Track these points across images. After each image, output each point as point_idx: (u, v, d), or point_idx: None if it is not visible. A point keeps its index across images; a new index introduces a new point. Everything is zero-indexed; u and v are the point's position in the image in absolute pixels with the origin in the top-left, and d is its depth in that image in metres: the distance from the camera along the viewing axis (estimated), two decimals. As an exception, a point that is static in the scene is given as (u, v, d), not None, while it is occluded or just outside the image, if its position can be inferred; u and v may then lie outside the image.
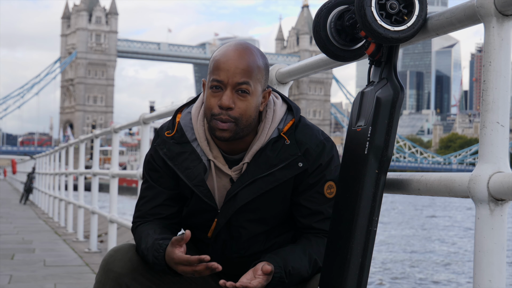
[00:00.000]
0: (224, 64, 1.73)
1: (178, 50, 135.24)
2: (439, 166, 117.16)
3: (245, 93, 1.73)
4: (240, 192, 1.79)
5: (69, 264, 5.88)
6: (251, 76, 1.73)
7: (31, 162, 19.37)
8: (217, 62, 1.74)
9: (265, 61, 1.80)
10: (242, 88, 1.72)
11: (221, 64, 1.73)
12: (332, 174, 1.81)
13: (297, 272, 1.74)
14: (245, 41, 1.80)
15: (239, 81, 1.72)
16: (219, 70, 1.73)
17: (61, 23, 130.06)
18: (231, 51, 1.75)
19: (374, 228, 1.56)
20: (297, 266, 1.74)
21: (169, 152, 1.84)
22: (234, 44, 1.77)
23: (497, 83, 1.31)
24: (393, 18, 1.53)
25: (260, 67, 1.76)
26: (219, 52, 1.77)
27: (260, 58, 1.77)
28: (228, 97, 1.72)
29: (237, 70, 1.72)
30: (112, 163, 6.17)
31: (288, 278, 1.73)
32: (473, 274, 1.32)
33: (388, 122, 1.55)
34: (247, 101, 1.74)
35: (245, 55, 1.74)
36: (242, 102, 1.73)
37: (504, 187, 1.25)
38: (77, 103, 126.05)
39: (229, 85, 1.72)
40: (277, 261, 1.72)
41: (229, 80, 1.72)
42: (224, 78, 1.72)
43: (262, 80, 1.77)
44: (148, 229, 1.84)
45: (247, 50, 1.75)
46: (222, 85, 1.73)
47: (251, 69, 1.73)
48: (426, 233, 22.68)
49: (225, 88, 1.73)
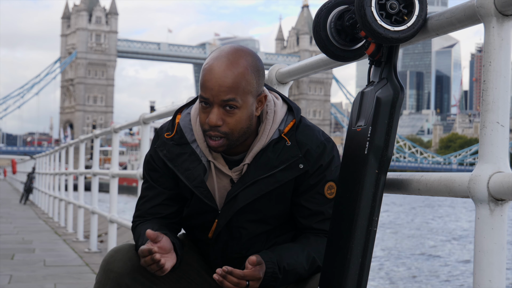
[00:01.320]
0: (209, 82, 1.69)
1: (178, 50, 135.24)
2: (439, 166, 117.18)
3: (233, 108, 1.70)
4: (240, 193, 1.78)
5: (69, 264, 5.88)
6: (237, 92, 1.69)
7: (31, 162, 19.37)
8: (202, 78, 1.71)
9: (257, 65, 1.74)
10: (229, 104, 1.70)
11: (205, 82, 1.70)
12: (333, 174, 1.80)
13: (293, 269, 1.74)
14: (235, 48, 1.74)
15: (224, 99, 1.69)
16: (205, 88, 1.70)
17: (61, 23, 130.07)
18: (216, 66, 1.70)
19: (374, 228, 1.56)
20: (293, 262, 1.74)
21: (169, 154, 1.84)
22: (221, 55, 1.72)
23: (497, 83, 1.31)
24: (393, 18, 1.53)
25: (249, 78, 1.71)
26: (206, 64, 1.72)
27: (250, 67, 1.71)
28: (215, 115, 1.70)
29: (221, 88, 1.68)
30: (112, 163, 6.17)
31: (283, 273, 1.73)
32: (473, 274, 1.32)
33: (388, 122, 1.55)
34: (236, 116, 1.71)
35: (230, 70, 1.69)
36: (230, 117, 1.71)
37: (504, 187, 1.25)
38: (77, 103, 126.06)
39: (215, 103, 1.70)
40: (270, 257, 1.73)
41: (214, 99, 1.69)
42: (209, 96, 1.70)
43: (253, 89, 1.72)
44: (146, 228, 1.84)
45: (234, 64, 1.70)
46: (209, 102, 1.71)
47: (237, 85, 1.69)
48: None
49: (212, 106, 1.71)
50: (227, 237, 1.85)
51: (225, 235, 1.85)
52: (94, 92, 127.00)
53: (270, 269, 1.71)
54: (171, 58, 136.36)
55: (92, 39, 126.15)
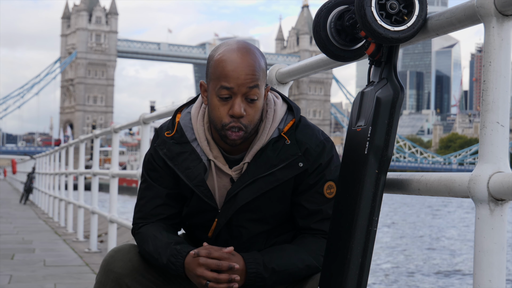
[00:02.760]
0: (233, 72, 1.69)
1: (178, 50, 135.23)
2: (439, 166, 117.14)
3: (254, 99, 1.72)
4: (240, 192, 1.79)
5: (69, 264, 5.88)
6: (258, 81, 1.72)
7: (31, 162, 19.37)
8: (224, 69, 1.70)
9: (265, 60, 1.79)
10: (252, 94, 1.71)
11: (229, 72, 1.70)
12: (332, 174, 1.81)
13: (284, 269, 1.74)
14: (244, 41, 1.78)
15: (250, 85, 1.70)
16: (228, 77, 1.70)
17: (61, 23, 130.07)
18: (236, 56, 1.71)
19: (374, 228, 1.56)
20: (285, 263, 1.74)
21: (169, 152, 1.84)
22: (237, 47, 1.74)
23: (497, 83, 1.31)
24: (393, 18, 1.53)
25: (263, 69, 1.75)
26: (223, 56, 1.72)
27: (261, 59, 1.76)
28: (239, 105, 1.70)
29: (247, 77, 1.70)
30: (112, 163, 6.17)
31: (270, 274, 1.73)
32: (473, 274, 1.32)
33: (388, 122, 1.55)
34: (256, 106, 1.73)
35: (250, 59, 1.71)
36: (251, 108, 1.72)
37: (504, 187, 1.25)
38: (77, 103, 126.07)
39: (239, 93, 1.70)
40: (255, 257, 1.74)
41: (239, 88, 1.70)
42: (234, 85, 1.70)
43: (264, 81, 1.77)
44: (153, 231, 1.83)
45: (251, 53, 1.73)
46: (232, 93, 1.71)
47: (258, 74, 1.72)
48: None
49: (235, 96, 1.71)
50: (227, 236, 1.85)
51: (225, 235, 1.85)
52: (94, 92, 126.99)
53: (253, 269, 1.72)
54: (171, 58, 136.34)
55: (92, 39, 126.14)
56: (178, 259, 1.74)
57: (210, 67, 1.75)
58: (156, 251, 1.79)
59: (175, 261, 1.74)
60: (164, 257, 1.76)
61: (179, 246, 1.77)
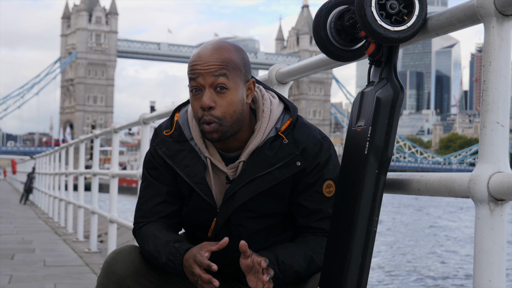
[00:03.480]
0: (197, 65, 1.73)
1: (178, 50, 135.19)
2: (439, 166, 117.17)
3: (224, 88, 1.72)
4: (238, 191, 1.79)
5: (69, 264, 5.88)
6: (227, 70, 1.72)
7: (31, 162, 19.37)
8: (191, 64, 1.75)
9: (242, 54, 1.78)
10: (220, 83, 1.72)
11: (194, 65, 1.73)
12: (331, 173, 1.81)
13: (289, 268, 1.74)
14: (218, 40, 1.80)
15: (215, 74, 1.71)
16: (194, 71, 1.73)
17: (61, 23, 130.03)
18: (202, 50, 1.75)
19: (374, 228, 1.56)
20: (289, 262, 1.74)
21: (168, 151, 1.85)
22: (209, 44, 1.77)
23: (497, 83, 1.31)
24: (393, 18, 1.53)
25: (235, 60, 1.75)
26: (193, 54, 1.77)
27: (235, 52, 1.76)
28: (208, 96, 1.72)
29: (210, 68, 1.72)
30: (112, 163, 6.17)
31: (282, 273, 1.73)
32: (473, 274, 1.32)
33: (388, 122, 1.55)
34: (227, 97, 1.73)
35: (216, 50, 1.74)
36: (222, 99, 1.73)
37: (504, 187, 1.25)
38: (77, 103, 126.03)
39: (206, 85, 1.72)
40: (269, 257, 1.73)
41: (205, 79, 1.72)
42: (198, 75, 1.72)
43: (241, 74, 1.76)
44: (153, 230, 1.84)
45: (220, 46, 1.75)
46: (200, 86, 1.73)
47: (225, 64, 1.73)
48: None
49: (204, 89, 1.73)
50: (226, 235, 1.85)
51: (224, 234, 1.85)
52: (94, 92, 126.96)
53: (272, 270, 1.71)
54: (171, 58, 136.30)
55: (92, 39, 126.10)
56: (177, 256, 1.75)
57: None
58: (156, 250, 1.79)
59: (173, 259, 1.75)
60: (164, 255, 1.77)
61: (177, 244, 1.77)
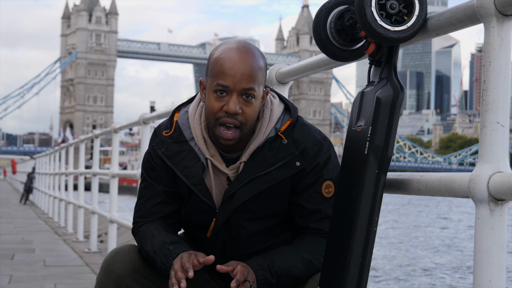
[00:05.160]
0: (231, 70, 1.71)
1: (178, 50, 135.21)
2: (439, 166, 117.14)
3: (251, 97, 1.72)
4: (237, 191, 1.79)
5: (69, 264, 5.88)
6: (256, 81, 1.72)
7: (31, 162, 19.37)
8: (221, 66, 1.72)
9: (265, 60, 1.79)
10: (248, 93, 1.72)
11: (227, 69, 1.71)
12: (330, 173, 1.81)
13: (286, 272, 1.74)
14: (245, 41, 1.79)
15: (245, 87, 1.71)
16: (225, 75, 1.71)
17: (61, 23, 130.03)
18: (235, 55, 1.72)
19: (374, 228, 1.56)
20: (286, 266, 1.74)
21: (167, 151, 1.84)
22: (236, 46, 1.75)
23: (497, 83, 1.31)
24: (393, 18, 1.53)
25: (262, 69, 1.76)
26: (222, 54, 1.74)
27: (261, 59, 1.77)
28: (235, 103, 1.71)
29: (243, 76, 1.71)
30: (112, 163, 6.17)
31: (275, 278, 1.73)
32: (473, 274, 1.32)
33: (388, 122, 1.55)
34: (253, 105, 1.74)
35: (249, 59, 1.72)
36: (248, 107, 1.73)
37: (504, 187, 1.25)
38: (77, 103, 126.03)
39: (235, 91, 1.71)
40: (260, 263, 1.73)
41: (235, 86, 1.71)
42: (230, 83, 1.71)
43: (263, 82, 1.77)
44: (152, 230, 1.84)
45: (250, 52, 1.74)
46: (228, 90, 1.72)
47: (256, 74, 1.72)
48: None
49: (231, 94, 1.72)
50: (225, 236, 1.85)
51: (223, 234, 1.85)
52: (94, 92, 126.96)
53: (261, 276, 1.72)
54: (171, 58, 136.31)
55: (92, 39, 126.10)
56: (169, 259, 1.74)
57: (209, 65, 1.77)
58: (152, 250, 1.79)
59: (166, 261, 1.74)
60: (158, 258, 1.76)
61: (172, 246, 1.76)
